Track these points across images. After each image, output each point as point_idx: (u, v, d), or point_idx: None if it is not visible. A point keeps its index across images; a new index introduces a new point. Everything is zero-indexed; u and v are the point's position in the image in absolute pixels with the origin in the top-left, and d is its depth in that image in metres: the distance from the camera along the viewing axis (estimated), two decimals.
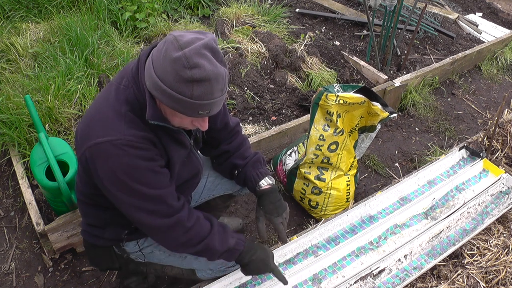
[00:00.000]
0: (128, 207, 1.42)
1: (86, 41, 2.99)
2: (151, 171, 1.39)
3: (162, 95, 1.27)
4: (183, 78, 1.21)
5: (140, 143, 1.35)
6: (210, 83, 1.23)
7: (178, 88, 1.23)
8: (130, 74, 1.39)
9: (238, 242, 1.61)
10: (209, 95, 1.26)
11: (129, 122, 1.35)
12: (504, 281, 1.97)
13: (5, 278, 2.11)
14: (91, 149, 1.35)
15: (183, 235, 1.48)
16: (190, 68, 1.20)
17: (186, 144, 1.54)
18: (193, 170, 1.64)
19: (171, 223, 1.44)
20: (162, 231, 1.46)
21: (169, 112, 1.35)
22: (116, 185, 1.38)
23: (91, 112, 1.43)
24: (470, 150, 2.60)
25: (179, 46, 1.22)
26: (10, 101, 2.54)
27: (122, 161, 1.33)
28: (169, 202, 1.44)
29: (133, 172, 1.36)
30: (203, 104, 1.27)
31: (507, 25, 4.74)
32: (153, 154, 1.40)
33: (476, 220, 2.23)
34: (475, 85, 3.82)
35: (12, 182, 2.51)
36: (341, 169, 2.30)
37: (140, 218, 1.43)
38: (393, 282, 1.93)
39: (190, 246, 1.51)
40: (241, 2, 4.01)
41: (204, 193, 1.91)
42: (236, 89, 3.10)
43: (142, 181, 1.37)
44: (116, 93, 1.39)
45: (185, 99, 1.24)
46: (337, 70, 3.48)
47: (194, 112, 1.29)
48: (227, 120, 1.76)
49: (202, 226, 1.52)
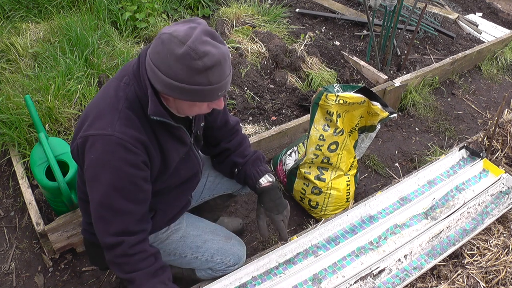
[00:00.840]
0: (92, 204, 1.40)
1: (86, 41, 2.99)
2: (131, 181, 1.37)
3: (181, 93, 1.29)
4: (197, 70, 1.24)
5: (130, 143, 1.34)
6: (221, 65, 1.27)
7: (195, 81, 1.26)
8: (131, 72, 1.40)
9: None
10: (223, 76, 1.30)
11: (124, 119, 1.35)
12: (504, 281, 1.97)
13: (5, 278, 2.11)
14: (82, 139, 1.36)
15: (119, 257, 1.42)
16: (200, 58, 1.23)
17: (186, 141, 1.54)
18: (192, 169, 1.64)
19: (114, 242, 1.40)
20: (106, 243, 1.42)
21: (187, 105, 1.36)
22: (93, 179, 1.37)
23: (88, 107, 1.43)
24: (470, 150, 2.60)
25: (179, 42, 1.23)
26: (10, 101, 2.54)
27: (105, 158, 1.33)
28: (129, 221, 1.40)
29: (114, 175, 1.34)
30: (221, 86, 1.31)
31: (507, 25, 4.74)
32: (140, 160, 1.37)
33: (476, 220, 2.23)
34: (475, 85, 3.82)
35: (12, 182, 2.51)
36: (341, 169, 2.30)
37: (96, 220, 1.41)
38: (393, 282, 1.93)
39: (118, 270, 1.45)
40: (241, 2, 4.01)
41: (204, 192, 1.91)
42: (236, 89, 3.10)
43: (118, 187, 1.36)
44: (115, 89, 1.39)
45: (205, 88, 1.28)
46: (337, 70, 3.48)
47: (214, 96, 1.33)
48: (227, 118, 1.77)
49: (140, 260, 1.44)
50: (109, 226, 1.40)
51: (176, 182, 1.59)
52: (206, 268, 1.78)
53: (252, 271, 1.88)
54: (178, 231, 1.71)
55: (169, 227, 1.70)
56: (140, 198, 1.42)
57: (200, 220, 1.83)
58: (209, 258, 1.74)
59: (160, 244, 1.69)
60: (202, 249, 1.72)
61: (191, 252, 1.72)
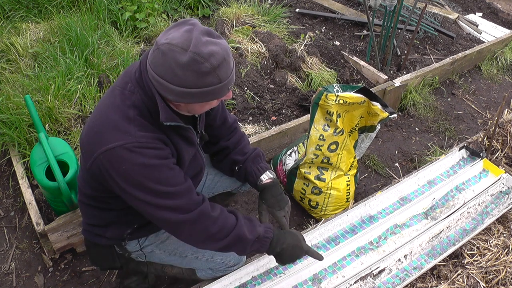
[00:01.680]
0: (150, 208, 1.40)
1: (86, 41, 2.99)
2: (167, 168, 1.39)
3: (194, 97, 1.30)
4: (206, 72, 1.25)
5: (153, 143, 1.36)
6: (226, 60, 1.29)
7: (206, 83, 1.27)
8: (134, 79, 1.39)
9: (267, 230, 1.59)
10: (229, 70, 1.32)
11: (139, 126, 1.36)
12: (504, 281, 1.97)
13: (5, 278, 2.11)
14: (104, 155, 1.34)
15: (211, 226, 1.46)
16: (206, 60, 1.24)
17: (194, 142, 1.56)
18: (197, 167, 1.65)
19: (195, 217, 1.43)
20: (188, 226, 1.43)
21: (199, 106, 1.38)
22: (135, 187, 1.36)
23: (96, 118, 1.40)
24: (470, 150, 2.60)
25: (181, 50, 1.23)
26: (10, 101, 2.54)
27: (137, 162, 1.33)
28: (189, 197, 1.44)
29: (150, 171, 1.35)
30: (230, 80, 1.33)
31: (507, 25, 4.74)
32: (167, 152, 1.41)
33: (476, 220, 2.23)
34: (475, 85, 3.82)
35: (12, 182, 2.51)
36: (341, 169, 2.30)
37: (164, 216, 1.41)
38: (393, 282, 1.93)
39: (219, 239, 1.48)
40: (241, 2, 4.01)
41: (203, 191, 1.92)
42: (236, 89, 3.10)
43: (159, 179, 1.37)
44: (121, 98, 1.38)
45: (216, 87, 1.30)
46: (337, 70, 3.49)
47: (225, 91, 1.35)
48: (226, 116, 1.78)
49: (228, 217, 1.51)
50: (178, 211, 1.41)
51: None
52: (206, 268, 1.78)
53: (252, 271, 1.88)
54: None
55: None
56: (182, 177, 1.45)
57: None
58: (209, 258, 1.74)
59: (161, 244, 1.69)
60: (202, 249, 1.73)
61: (192, 252, 1.72)
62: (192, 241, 1.50)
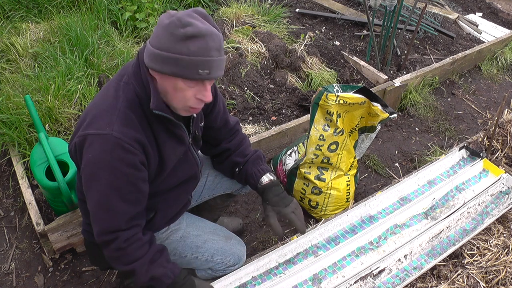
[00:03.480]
0: (91, 204, 1.41)
1: (86, 41, 2.99)
2: (129, 181, 1.37)
3: (161, 62, 1.29)
4: (177, 37, 1.25)
5: (128, 143, 1.34)
6: (204, 39, 1.27)
7: (174, 49, 1.26)
8: (131, 70, 1.40)
9: (166, 274, 1.48)
10: (205, 52, 1.28)
11: (123, 119, 1.35)
12: (504, 281, 1.97)
13: (5, 278, 2.11)
14: (80, 138, 1.36)
15: (115, 252, 1.43)
16: (183, 27, 1.25)
17: (185, 141, 1.54)
18: (190, 170, 1.63)
19: (111, 238, 1.40)
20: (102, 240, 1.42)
21: (171, 86, 1.34)
22: (89, 179, 1.37)
23: (88, 107, 1.44)
24: (470, 150, 2.60)
25: (169, 15, 1.28)
26: (10, 101, 2.54)
27: (103, 157, 1.33)
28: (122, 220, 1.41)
29: (112, 175, 1.34)
30: (201, 61, 1.28)
31: (507, 25, 4.74)
32: (138, 160, 1.37)
33: (476, 220, 2.23)
34: (475, 85, 3.82)
35: (12, 182, 2.51)
36: (341, 169, 2.30)
37: (94, 218, 1.42)
38: (393, 282, 1.93)
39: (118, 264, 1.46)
40: (241, 2, 4.01)
41: (204, 192, 1.91)
42: (236, 89, 3.10)
43: (115, 187, 1.36)
44: (115, 89, 1.40)
45: (182, 57, 1.27)
46: (337, 70, 3.48)
47: (193, 72, 1.29)
48: (227, 118, 1.77)
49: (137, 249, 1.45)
50: (105, 224, 1.40)
51: (175, 182, 1.59)
52: (206, 268, 1.78)
53: (252, 271, 1.88)
54: (178, 231, 1.71)
55: (169, 227, 1.69)
56: (137, 199, 1.42)
57: (200, 220, 1.83)
58: (209, 258, 1.74)
59: None
60: (202, 249, 1.72)
61: (191, 252, 1.72)
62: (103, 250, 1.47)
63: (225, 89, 3.06)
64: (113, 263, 1.48)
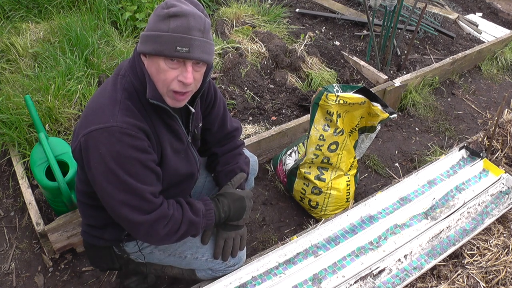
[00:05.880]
0: (114, 202, 1.39)
1: (86, 41, 2.99)
2: (141, 163, 1.38)
3: (145, 42, 1.35)
4: (160, 17, 1.31)
5: (133, 131, 1.35)
6: (186, 17, 1.31)
7: (156, 28, 1.32)
8: (127, 64, 1.44)
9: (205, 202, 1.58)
10: (185, 29, 1.31)
11: (124, 110, 1.36)
12: (504, 281, 1.97)
13: (5, 278, 2.11)
14: (84, 137, 1.35)
15: (167, 224, 1.44)
16: (167, 8, 1.31)
17: (182, 138, 1.55)
18: (189, 168, 1.63)
19: (154, 218, 1.41)
20: (146, 227, 1.42)
21: (154, 68, 1.36)
22: (105, 175, 1.35)
23: (88, 104, 1.44)
24: (470, 150, 2.60)
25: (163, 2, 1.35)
26: (10, 101, 2.54)
27: (114, 149, 1.33)
28: (152, 199, 1.42)
29: (124, 161, 1.34)
30: (180, 38, 1.30)
31: (507, 25, 4.74)
32: (146, 145, 1.39)
33: (476, 220, 2.23)
34: (475, 85, 3.82)
35: (12, 182, 2.51)
36: (341, 169, 2.30)
37: (124, 213, 1.40)
38: (393, 282, 1.93)
39: (174, 232, 1.47)
40: (241, 2, 4.01)
41: (203, 192, 1.92)
42: (236, 89, 3.10)
43: (131, 172, 1.36)
44: (113, 82, 1.42)
45: (162, 34, 1.31)
46: (337, 70, 3.48)
47: (172, 48, 1.30)
48: (225, 123, 1.77)
49: (176, 209, 1.49)
50: (139, 211, 1.39)
51: (174, 179, 1.58)
52: (206, 268, 1.78)
53: (252, 271, 1.88)
54: None
55: None
56: (153, 178, 1.43)
57: None
58: (209, 258, 1.74)
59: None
60: (202, 249, 1.72)
61: (191, 253, 1.72)
62: (150, 241, 1.49)
63: (225, 89, 3.06)
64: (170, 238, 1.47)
